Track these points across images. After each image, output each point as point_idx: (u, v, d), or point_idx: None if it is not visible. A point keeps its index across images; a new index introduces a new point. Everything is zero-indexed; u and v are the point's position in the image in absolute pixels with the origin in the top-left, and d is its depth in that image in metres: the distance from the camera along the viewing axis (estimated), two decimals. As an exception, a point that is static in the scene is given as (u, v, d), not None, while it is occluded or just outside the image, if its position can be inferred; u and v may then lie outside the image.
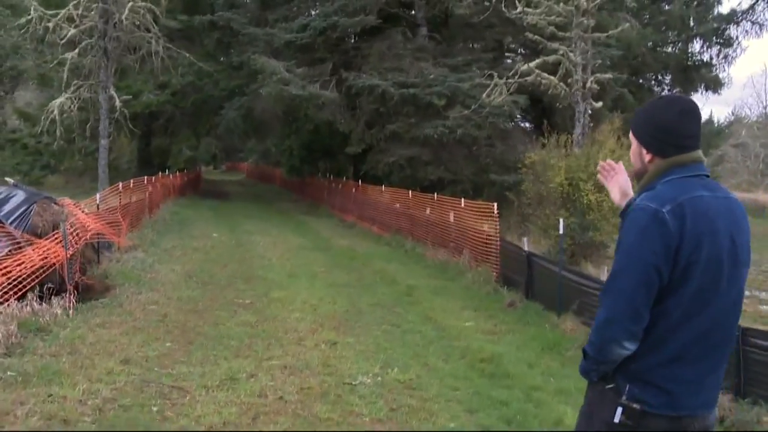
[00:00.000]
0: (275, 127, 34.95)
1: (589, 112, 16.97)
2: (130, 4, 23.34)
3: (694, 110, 2.69)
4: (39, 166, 32.42)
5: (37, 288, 9.06)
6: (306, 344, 8.32)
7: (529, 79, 17.17)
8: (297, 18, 25.69)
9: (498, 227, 13.21)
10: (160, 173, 24.85)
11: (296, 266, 14.51)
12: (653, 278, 2.48)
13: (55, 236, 9.74)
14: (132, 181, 17.84)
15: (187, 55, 27.22)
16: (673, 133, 2.66)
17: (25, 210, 9.98)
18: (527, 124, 31.08)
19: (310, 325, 9.28)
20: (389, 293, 12.10)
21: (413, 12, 26.41)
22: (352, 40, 27.99)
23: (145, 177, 20.44)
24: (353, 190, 25.22)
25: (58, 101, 23.48)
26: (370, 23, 24.49)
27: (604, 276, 13.63)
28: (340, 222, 24.70)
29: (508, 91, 18.17)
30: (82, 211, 11.64)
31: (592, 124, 17.59)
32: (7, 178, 11.77)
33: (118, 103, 23.28)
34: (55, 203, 10.84)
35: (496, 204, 13.62)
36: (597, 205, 14.81)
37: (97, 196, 12.83)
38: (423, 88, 22.26)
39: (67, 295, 9.37)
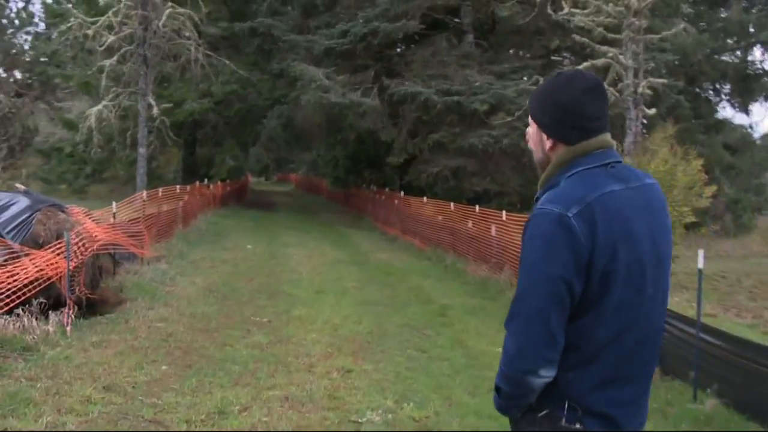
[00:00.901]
0: (318, 137, 34.32)
1: (642, 119, 15.83)
2: (169, 10, 22.89)
3: (599, 87, 2.34)
4: (83, 175, 32.30)
5: (34, 302, 8.37)
6: (316, 371, 7.46)
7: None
8: (338, 24, 24.93)
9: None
10: (197, 182, 24.26)
11: (326, 281, 13.69)
12: (564, 295, 2.15)
13: (59, 246, 9.06)
14: (161, 190, 17.24)
15: (227, 62, 26.69)
16: (577, 114, 2.30)
17: (27, 218, 9.33)
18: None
19: (326, 349, 8.42)
20: (421, 313, 11.18)
21: (459, 18, 25.46)
22: (397, 50, 27.18)
23: (178, 186, 19.85)
24: (396, 201, 24.34)
25: (95, 109, 23.12)
26: (413, 29, 23.62)
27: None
28: (383, 235, 23.81)
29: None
30: (94, 221, 10.98)
31: (645, 133, 16.44)
32: (17, 185, 11.19)
33: (155, 111, 22.79)
34: (63, 211, 10.20)
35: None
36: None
37: (113, 205, 12.19)
38: (468, 96, 21.33)
39: (66, 310, 8.66)
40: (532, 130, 2.45)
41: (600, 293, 2.17)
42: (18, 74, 24.34)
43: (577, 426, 2.22)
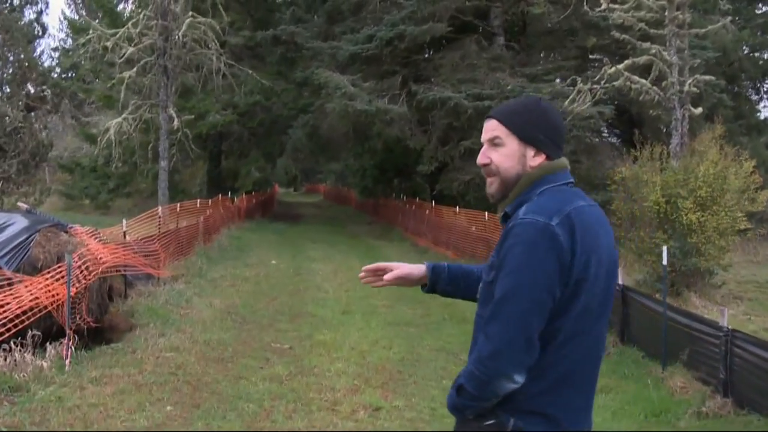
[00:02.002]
0: (345, 146, 33.42)
1: (687, 119, 14.77)
2: (189, 20, 22.19)
3: None
4: (106, 190, 31.73)
5: (30, 333, 7.58)
6: (340, 410, 6.57)
7: (618, 83, 15.05)
8: (363, 29, 24.00)
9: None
10: (219, 195, 23.48)
11: (354, 300, 12.78)
12: (546, 300, 2.22)
13: (59, 271, 8.27)
14: (179, 204, 16.45)
15: (250, 72, 25.95)
16: (562, 134, 2.50)
17: (25, 240, 8.56)
18: (614, 139, 28.83)
19: (352, 381, 7.53)
20: (457, 334, 10.19)
21: (488, 21, 24.48)
22: (425, 54, 26.22)
23: (198, 200, 19.08)
24: (427, 212, 23.37)
25: (114, 121, 22.46)
26: (440, 31, 22.62)
27: (711, 314, 11.54)
28: (413, 247, 22.80)
29: (593, 98, 16.06)
30: (101, 241, 10.20)
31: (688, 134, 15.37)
32: (20, 203, 10.44)
33: (176, 123, 22.07)
34: (66, 231, 9.42)
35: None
36: (700, 226, 12.67)
37: (124, 222, 11.37)
38: (499, 100, 20.33)
39: (66, 341, 7.87)
40: (508, 149, 2.45)
41: (569, 300, 2.25)
42: (31, 87, 23.71)
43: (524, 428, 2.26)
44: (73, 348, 7.90)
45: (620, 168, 14.57)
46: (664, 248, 8.27)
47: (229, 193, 26.27)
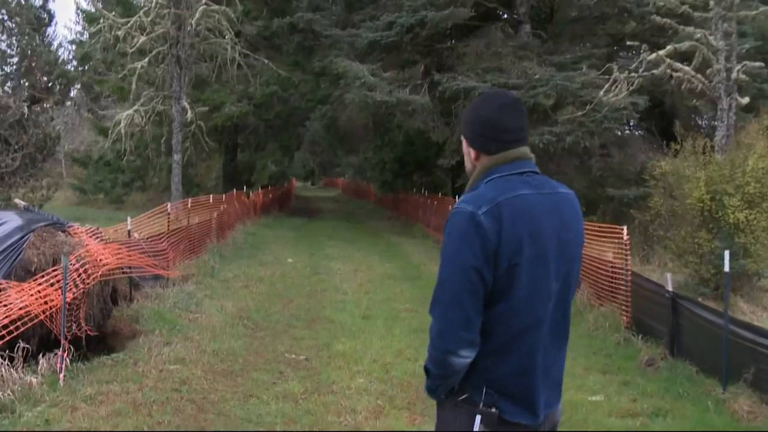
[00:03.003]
0: (364, 139, 32.49)
1: (734, 110, 13.79)
2: (203, 8, 21.40)
3: (515, 104, 2.67)
4: (121, 184, 31.05)
5: (21, 346, 6.83)
6: (362, 438, 5.78)
7: (659, 71, 14.09)
8: (383, 16, 23.00)
9: (628, 257, 10.12)
10: (234, 190, 22.65)
11: (375, 303, 11.97)
12: (476, 282, 2.42)
13: (54, 274, 7.51)
14: (190, 200, 15.66)
15: (266, 61, 25.12)
16: (495, 127, 2.61)
17: (18, 241, 7.80)
18: (641, 132, 27.78)
19: (375, 401, 6.73)
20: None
21: (514, 8, 23.47)
22: (448, 43, 25.24)
23: (211, 195, 18.28)
24: (450, 207, 22.42)
25: (125, 113, 21.73)
26: (463, 17, 21.58)
27: (760, 321, 10.63)
28: (436, 244, 21.85)
29: (629, 87, 15.09)
30: (103, 240, 9.43)
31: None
32: (17, 200, 9.69)
33: (189, 114, 21.30)
34: (64, 231, 8.67)
35: (625, 228, 10.56)
36: (748, 224, 11.75)
37: (128, 220, 10.56)
38: (527, 90, 19.40)
39: (60, 353, 7.11)
40: (465, 148, 2.72)
41: (508, 284, 2.43)
42: (38, 78, 23.04)
43: (493, 410, 2.46)
44: (68, 360, 7.15)
45: (659, 162, 13.63)
46: (726, 253, 7.34)
47: (245, 187, 25.47)
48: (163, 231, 12.69)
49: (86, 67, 33.40)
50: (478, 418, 2.45)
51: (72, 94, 62.97)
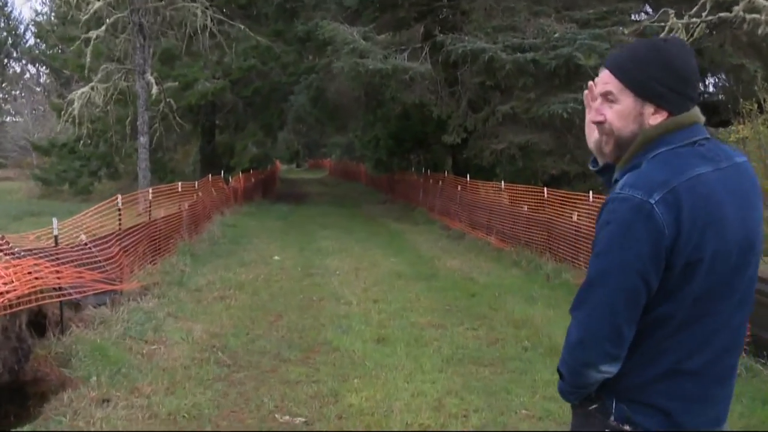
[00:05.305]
0: (355, 114, 29.66)
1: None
2: (167, -36, 18.54)
3: (692, 52, 2.08)
4: (87, 173, 28.16)
5: None
6: None
7: (734, 11, 11.40)
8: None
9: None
10: (209, 176, 19.83)
11: (388, 316, 9.23)
12: (639, 288, 1.92)
13: None
14: (150, 190, 12.89)
15: (242, 27, 22.22)
16: (687, 81, 2.02)
17: None
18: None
19: None
20: (554, 379, 6.67)
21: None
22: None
23: (180, 183, 15.50)
24: (458, 188, 19.73)
25: (79, 92, 18.81)
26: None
27: None
28: (444, 230, 19.14)
29: (689, 36, 12.37)
30: (12, 254, 6.68)
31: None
32: None
33: (155, 90, 18.43)
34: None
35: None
36: None
37: (55, 222, 7.75)
38: (546, 51, 16.68)
39: None
40: (623, 106, 2.03)
41: (679, 284, 1.94)
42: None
43: (626, 427, 2.01)
44: None
45: (736, 127, 11.02)
46: None
47: (222, 172, 22.66)
48: (113, 232, 9.87)
49: (43, 45, 30.46)
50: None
51: (42, 80, 60.03)
